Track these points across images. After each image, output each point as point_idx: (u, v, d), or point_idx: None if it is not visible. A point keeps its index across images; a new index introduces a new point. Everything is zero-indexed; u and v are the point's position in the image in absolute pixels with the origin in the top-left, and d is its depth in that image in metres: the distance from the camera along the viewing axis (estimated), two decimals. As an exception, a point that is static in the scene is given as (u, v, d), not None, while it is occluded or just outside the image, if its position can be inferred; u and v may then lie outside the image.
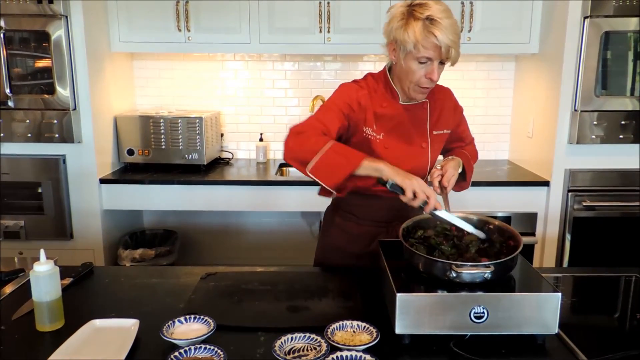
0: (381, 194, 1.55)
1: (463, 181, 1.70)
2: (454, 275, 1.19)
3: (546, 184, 2.78)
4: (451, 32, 1.41)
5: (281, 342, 1.15)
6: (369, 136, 1.57)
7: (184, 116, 2.97)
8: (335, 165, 1.40)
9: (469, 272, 1.19)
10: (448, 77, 1.84)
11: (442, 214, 1.38)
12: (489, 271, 1.19)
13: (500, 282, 1.23)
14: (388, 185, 1.37)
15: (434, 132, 1.65)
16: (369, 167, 1.39)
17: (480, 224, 1.43)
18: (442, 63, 1.48)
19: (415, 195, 1.35)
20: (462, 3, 2.82)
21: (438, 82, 1.56)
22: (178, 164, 3.01)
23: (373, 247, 1.64)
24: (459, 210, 1.45)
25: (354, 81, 1.62)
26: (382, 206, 1.65)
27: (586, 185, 2.76)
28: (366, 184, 1.54)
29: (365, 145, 1.56)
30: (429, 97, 1.60)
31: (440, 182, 1.55)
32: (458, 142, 1.79)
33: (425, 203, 1.35)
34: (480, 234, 1.38)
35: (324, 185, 1.43)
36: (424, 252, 1.28)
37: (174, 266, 2.92)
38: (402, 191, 1.36)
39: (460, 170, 1.64)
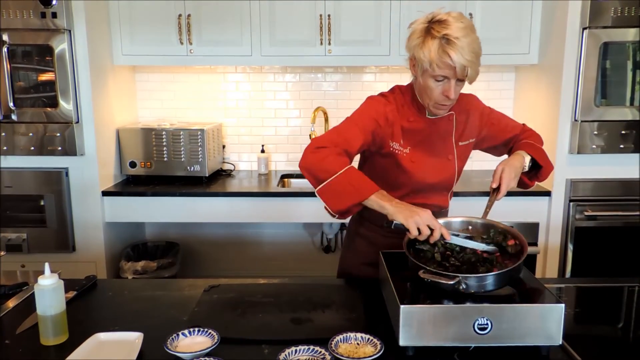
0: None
1: (537, 169, 1.65)
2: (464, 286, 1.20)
3: (547, 194, 2.79)
4: (468, 52, 1.39)
5: (285, 355, 1.15)
6: (396, 150, 1.56)
7: (185, 128, 2.98)
8: (343, 192, 1.39)
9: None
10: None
11: (454, 240, 1.36)
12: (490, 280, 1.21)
13: (503, 294, 1.23)
14: (392, 226, 1.35)
15: (460, 143, 1.65)
16: (375, 203, 1.38)
17: (484, 228, 1.44)
18: (460, 80, 1.47)
19: (420, 231, 1.31)
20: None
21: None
22: (180, 176, 3.02)
23: None
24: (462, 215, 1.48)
25: (382, 94, 1.62)
26: None
27: (587, 195, 2.76)
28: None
29: (392, 160, 1.57)
30: (455, 107, 1.60)
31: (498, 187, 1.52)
32: (512, 136, 1.74)
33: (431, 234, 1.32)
34: (493, 249, 1.37)
35: (327, 208, 1.44)
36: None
37: (177, 279, 2.92)
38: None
39: (529, 160, 1.61)
